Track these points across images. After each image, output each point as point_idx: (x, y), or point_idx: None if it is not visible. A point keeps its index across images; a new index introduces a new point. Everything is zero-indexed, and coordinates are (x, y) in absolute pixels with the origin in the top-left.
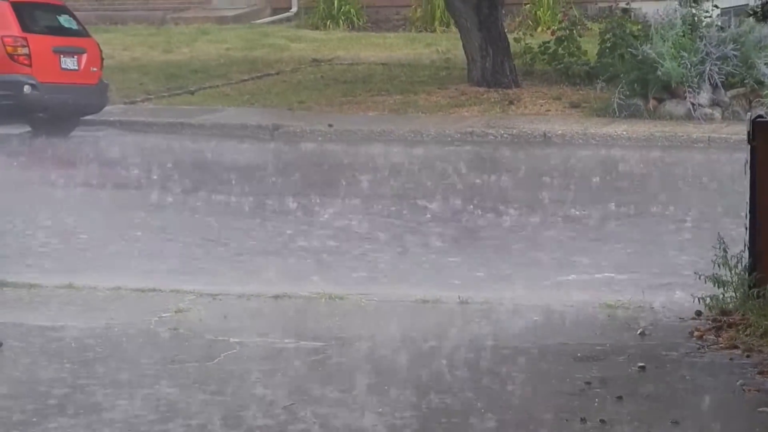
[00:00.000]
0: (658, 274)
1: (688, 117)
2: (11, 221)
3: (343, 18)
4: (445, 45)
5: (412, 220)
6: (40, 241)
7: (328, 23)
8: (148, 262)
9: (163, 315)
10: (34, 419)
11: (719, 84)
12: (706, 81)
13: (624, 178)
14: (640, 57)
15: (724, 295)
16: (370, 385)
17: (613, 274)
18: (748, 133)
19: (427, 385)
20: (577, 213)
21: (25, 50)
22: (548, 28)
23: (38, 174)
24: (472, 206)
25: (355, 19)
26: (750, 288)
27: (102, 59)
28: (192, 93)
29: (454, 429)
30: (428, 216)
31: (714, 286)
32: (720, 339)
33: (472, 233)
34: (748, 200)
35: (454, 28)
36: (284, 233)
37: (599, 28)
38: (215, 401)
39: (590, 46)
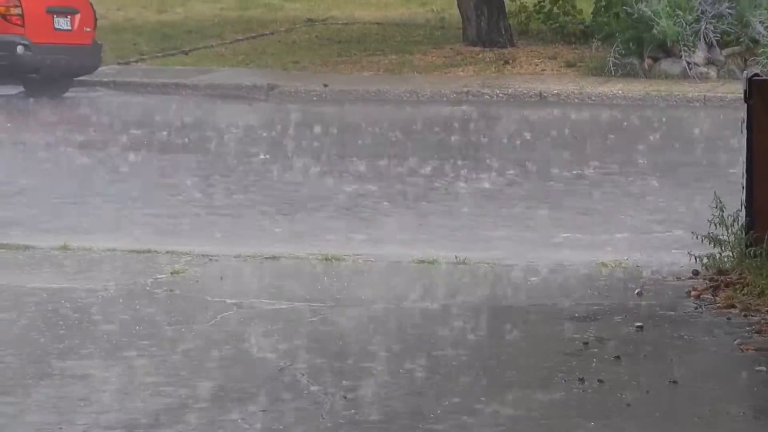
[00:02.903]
0: (654, 233)
1: (684, 76)
2: (5, 182)
3: None
4: (440, 4)
5: (408, 181)
6: (34, 202)
7: None
8: (143, 223)
9: (159, 276)
10: (29, 382)
11: (714, 43)
12: (702, 40)
13: (619, 138)
14: (635, 15)
15: (721, 254)
16: (365, 346)
17: (609, 234)
18: (745, 91)
19: (422, 346)
20: (573, 172)
21: (18, 10)
22: None
23: (31, 135)
24: (467, 166)
25: None
26: (747, 247)
27: (95, 19)
28: (186, 53)
29: (449, 389)
30: (423, 177)
31: (711, 245)
32: (717, 298)
33: (468, 193)
34: (744, 159)
35: None
36: (283, 194)
37: None
38: (211, 363)
39: (585, 5)
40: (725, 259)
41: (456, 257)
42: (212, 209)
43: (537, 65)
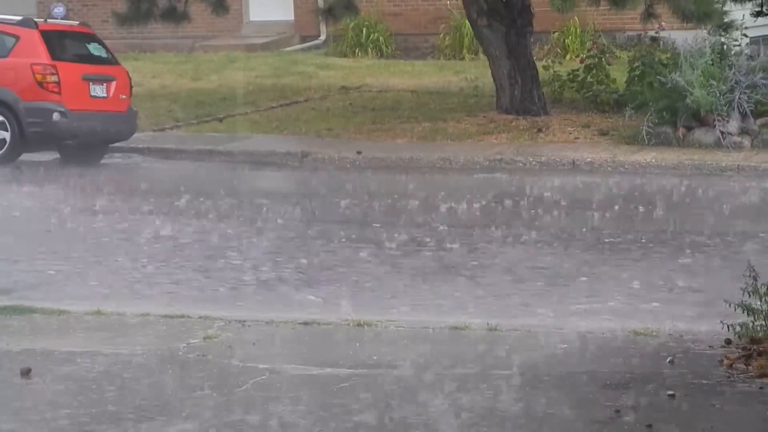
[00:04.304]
0: (687, 301)
1: (717, 145)
2: (40, 248)
3: (371, 46)
4: (474, 73)
5: (438, 247)
6: (69, 267)
7: (356, 51)
8: (176, 288)
9: (192, 341)
10: None
11: (748, 112)
12: (735, 109)
13: (652, 206)
14: (669, 85)
15: (753, 323)
16: (395, 413)
17: (641, 302)
18: None
19: (455, 414)
20: (606, 241)
21: (55, 78)
22: (577, 56)
23: (67, 201)
24: (499, 233)
25: (383, 46)
26: None
27: (131, 87)
28: (220, 120)
29: None
30: (454, 243)
31: (744, 314)
32: (750, 367)
33: (499, 260)
34: None
35: (482, 56)
36: (317, 261)
37: (628, 56)
38: (243, 428)
39: (619, 74)
40: (758, 328)
41: (488, 324)
42: (245, 275)
43: (570, 133)
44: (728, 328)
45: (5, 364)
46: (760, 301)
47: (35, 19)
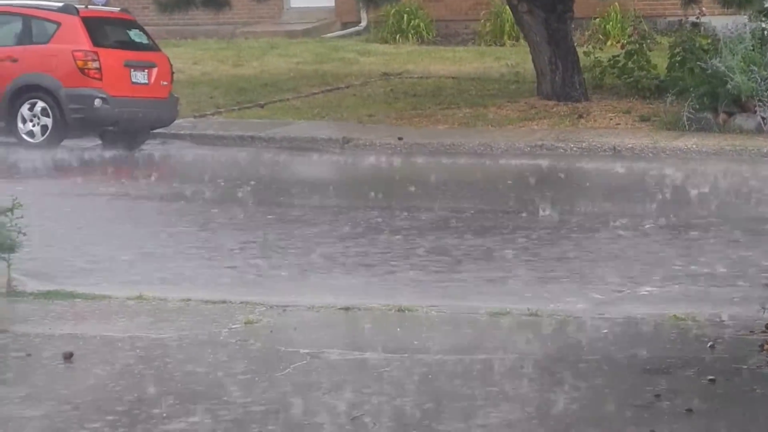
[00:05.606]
0: (727, 287)
1: (758, 130)
2: (84, 233)
3: (412, 32)
4: (515, 59)
5: (479, 233)
6: (112, 252)
7: (397, 37)
8: (218, 273)
9: (233, 326)
10: (106, 431)
11: None
12: None
13: (694, 192)
14: (709, 71)
15: None
16: (437, 397)
17: (682, 287)
18: None
19: (496, 398)
20: (647, 226)
21: (96, 64)
22: (617, 42)
23: (109, 187)
24: (542, 219)
25: (424, 33)
26: None
27: (172, 73)
28: (262, 106)
29: None
30: (496, 229)
31: None
32: None
33: (541, 246)
34: None
35: (523, 42)
36: (358, 246)
37: (669, 42)
38: (285, 413)
39: (660, 60)
40: None
41: (528, 309)
42: (286, 260)
43: (611, 119)
44: None
45: (48, 348)
46: None
47: (76, 6)
